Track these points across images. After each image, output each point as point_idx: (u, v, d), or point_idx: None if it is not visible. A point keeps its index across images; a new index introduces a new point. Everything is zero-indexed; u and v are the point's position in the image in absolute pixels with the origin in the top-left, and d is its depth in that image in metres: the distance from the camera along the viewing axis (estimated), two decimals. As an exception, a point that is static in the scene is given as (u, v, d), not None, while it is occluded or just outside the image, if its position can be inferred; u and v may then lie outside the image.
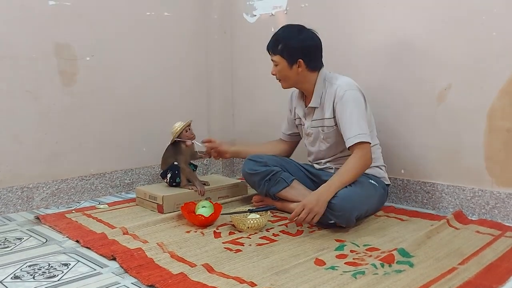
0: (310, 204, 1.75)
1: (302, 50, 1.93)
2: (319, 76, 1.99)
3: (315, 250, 1.62)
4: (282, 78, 2.00)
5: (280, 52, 1.94)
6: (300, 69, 1.95)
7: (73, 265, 1.54)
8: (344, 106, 1.89)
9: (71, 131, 2.39)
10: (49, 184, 2.32)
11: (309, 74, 1.98)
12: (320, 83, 1.98)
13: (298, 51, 1.93)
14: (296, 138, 2.28)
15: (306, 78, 1.98)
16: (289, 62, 1.94)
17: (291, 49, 1.93)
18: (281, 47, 1.94)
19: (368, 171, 1.98)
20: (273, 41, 1.97)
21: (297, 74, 1.96)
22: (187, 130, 2.27)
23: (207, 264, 1.48)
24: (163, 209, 2.13)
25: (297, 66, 1.94)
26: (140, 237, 1.77)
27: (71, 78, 2.38)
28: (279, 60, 1.96)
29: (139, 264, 1.50)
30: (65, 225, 1.96)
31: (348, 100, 1.89)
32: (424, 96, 2.11)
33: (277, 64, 1.97)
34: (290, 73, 1.97)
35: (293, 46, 1.92)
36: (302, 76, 1.97)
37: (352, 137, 1.85)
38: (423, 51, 2.10)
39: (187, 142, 2.26)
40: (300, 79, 1.99)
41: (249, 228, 1.84)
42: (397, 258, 1.50)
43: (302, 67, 1.95)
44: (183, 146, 2.27)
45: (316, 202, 1.75)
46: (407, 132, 2.19)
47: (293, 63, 1.94)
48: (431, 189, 2.13)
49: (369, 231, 1.81)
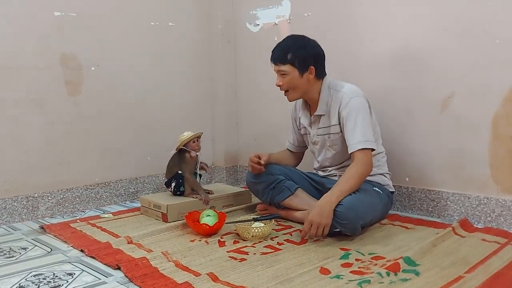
0: (315, 218, 1.74)
1: (314, 57, 1.93)
2: (323, 84, 1.99)
3: (320, 258, 1.60)
4: (292, 87, 1.97)
5: (291, 61, 1.91)
6: (310, 76, 1.94)
7: (78, 274, 1.53)
8: (349, 113, 1.89)
9: (76, 141, 2.40)
10: (54, 194, 2.33)
11: (316, 82, 1.98)
12: (325, 91, 1.98)
13: (310, 58, 1.92)
14: (303, 148, 2.27)
15: (313, 86, 1.98)
16: (301, 70, 1.92)
17: (303, 57, 1.91)
18: (292, 56, 1.91)
19: (373, 179, 1.97)
20: (280, 52, 1.94)
21: (307, 82, 1.95)
22: (195, 141, 2.27)
23: (212, 273, 1.47)
24: (168, 218, 2.13)
25: (308, 73, 1.93)
26: (144, 246, 1.77)
27: (76, 88, 2.39)
28: (289, 70, 1.92)
29: (144, 273, 1.49)
30: (69, 234, 1.95)
31: (353, 107, 1.89)
32: (428, 104, 2.11)
33: (286, 74, 1.93)
34: (301, 82, 1.94)
35: (304, 54, 1.91)
36: (311, 85, 1.96)
37: (355, 143, 1.85)
38: (426, 59, 2.09)
39: (192, 153, 2.26)
40: (308, 88, 1.97)
41: (254, 237, 1.83)
42: (403, 267, 1.48)
43: (312, 74, 1.94)
44: (187, 155, 2.27)
45: (320, 215, 1.74)
46: (411, 140, 2.18)
47: (305, 71, 1.93)
48: (436, 197, 2.12)
49: (374, 240, 1.80)
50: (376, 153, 1.97)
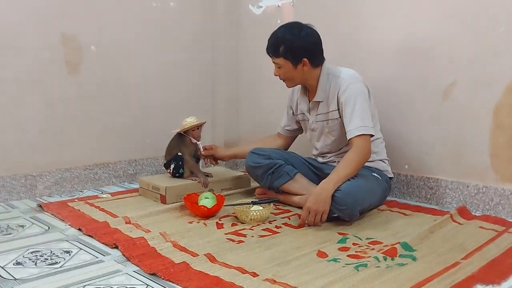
0: (313, 205, 1.74)
1: (306, 48, 1.91)
2: (322, 71, 1.97)
3: (318, 242, 1.61)
4: (287, 79, 1.98)
5: (283, 54, 1.90)
6: (305, 67, 1.93)
7: (75, 252, 1.54)
8: (347, 99, 1.88)
9: (75, 121, 2.39)
10: (52, 173, 2.32)
11: (313, 70, 1.96)
12: (324, 77, 1.97)
13: (301, 51, 1.90)
14: (294, 133, 2.26)
15: (311, 74, 1.97)
16: (294, 63, 1.91)
17: (294, 50, 1.89)
18: (284, 49, 1.90)
19: (371, 165, 1.97)
20: (273, 44, 1.93)
21: (302, 73, 1.94)
22: (195, 129, 2.26)
23: (209, 254, 1.47)
24: (166, 199, 2.13)
25: (302, 65, 1.92)
26: (142, 227, 1.77)
27: (76, 68, 2.37)
28: (282, 63, 1.92)
29: (142, 253, 1.49)
30: (67, 213, 1.96)
31: (352, 93, 1.88)
32: (430, 92, 2.10)
33: (280, 66, 1.93)
34: (295, 73, 1.94)
35: (296, 46, 1.89)
36: (307, 74, 1.96)
37: (353, 129, 1.84)
38: (430, 47, 2.07)
39: (192, 139, 2.25)
40: (305, 77, 1.97)
41: (252, 220, 1.83)
42: (400, 252, 1.49)
43: (307, 66, 1.93)
44: (188, 138, 2.26)
45: (318, 202, 1.74)
46: (412, 128, 2.17)
47: (298, 63, 1.92)
48: (435, 185, 2.12)
49: (372, 225, 1.81)
50: (375, 138, 1.96)
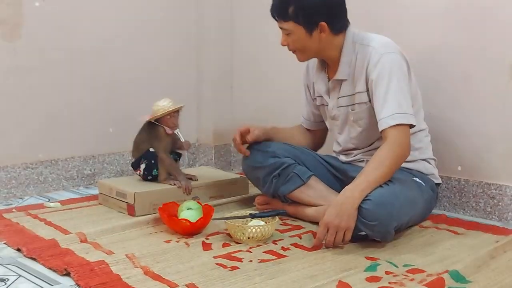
0: (333, 220, 1.74)
1: (324, 9, 1.91)
2: (346, 39, 1.97)
3: (339, 270, 1.61)
4: (299, 49, 1.98)
5: (294, 17, 1.90)
6: (323, 34, 1.93)
7: (12, 281, 1.54)
8: (379, 75, 1.88)
9: (13, 103, 2.40)
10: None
11: (334, 38, 1.96)
12: (348, 47, 1.97)
13: (318, 12, 1.90)
14: (323, 124, 2.26)
15: (331, 44, 1.97)
16: (308, 29, 1.92)
17: (308, 11, 1.89)
18: (294, 10, 1.90)
19: (412, 166, 1.98)
20: (279, 3, 1.93)
21: (319, 42, 1.94)
22: (171, 116, 2.25)
23: (193, 284, 1.47)
24: (135, 210, 2.14)
25: (319, 31, 1.92)
26: (103, 247, 1.78)
27: (14, 30, 2.37)
28: (292, 28, 1.92)
29: (102, 282, 1.49)
30: (2, 227, 1.96)
31: (386, 67, 1.88)
32: (491, 68, 2.10)
33: (290, 33, 1.94)
34: (310, 43, 1.94)
35: (311, 6, 1.89)
36: (325, 42, 1.95)
37: (387, 117, 1.84)
38: (492, 8, 2.07)
39: (167, 129, 2.25)
40: (323, 47, 1.97)
41: (250, 239, 1.84)
42: (449, 284, 1.49)
43: (325, 32, 1.93)
44: (162, 129, 2.26)
45: (339, 216, 1.74)
46: (466, 116, 2.18)
47: (314, 29, 1.92)
48: (497, 194, 2.13)
49: (412, 247, 1.81)
50: (417, 130, 1.97)
